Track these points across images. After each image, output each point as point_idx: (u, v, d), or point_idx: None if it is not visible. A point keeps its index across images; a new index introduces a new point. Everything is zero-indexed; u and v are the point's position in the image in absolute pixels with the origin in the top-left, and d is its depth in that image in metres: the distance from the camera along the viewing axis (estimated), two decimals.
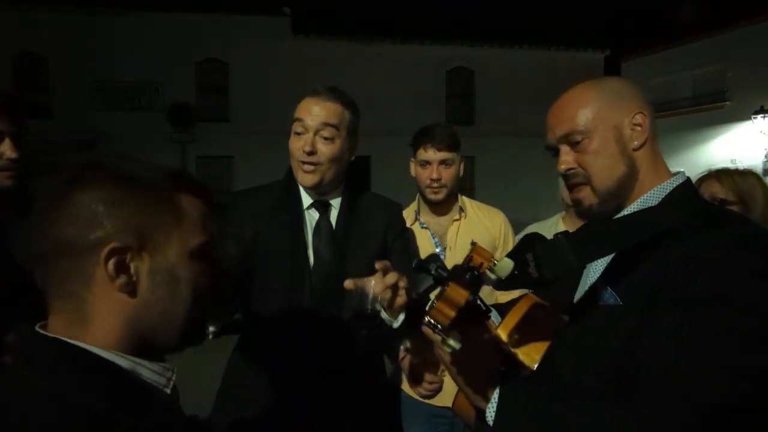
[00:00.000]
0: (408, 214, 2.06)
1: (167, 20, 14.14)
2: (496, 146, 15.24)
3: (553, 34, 16.87)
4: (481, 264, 0.85)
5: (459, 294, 0.79)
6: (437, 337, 0.83)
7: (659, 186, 0.96)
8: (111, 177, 0.67)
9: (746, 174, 1.77)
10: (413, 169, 2.04)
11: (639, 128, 0.97)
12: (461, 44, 16.10)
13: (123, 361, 0.66)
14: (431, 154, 1.93)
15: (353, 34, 15.34)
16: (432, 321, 0.80)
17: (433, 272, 0.84)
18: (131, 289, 0.67)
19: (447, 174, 1.94)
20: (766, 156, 14.56)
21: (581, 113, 0.98)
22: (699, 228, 0.85)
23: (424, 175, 1.96)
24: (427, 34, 15.87)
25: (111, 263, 0.64)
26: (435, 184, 1.93)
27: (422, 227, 2.02)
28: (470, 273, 0.81)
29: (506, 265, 0.84)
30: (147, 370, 0.69)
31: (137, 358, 0.68)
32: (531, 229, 2.57)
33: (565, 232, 0.91)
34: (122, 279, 0.66)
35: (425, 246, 1.98)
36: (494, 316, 1.11)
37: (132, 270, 0.66)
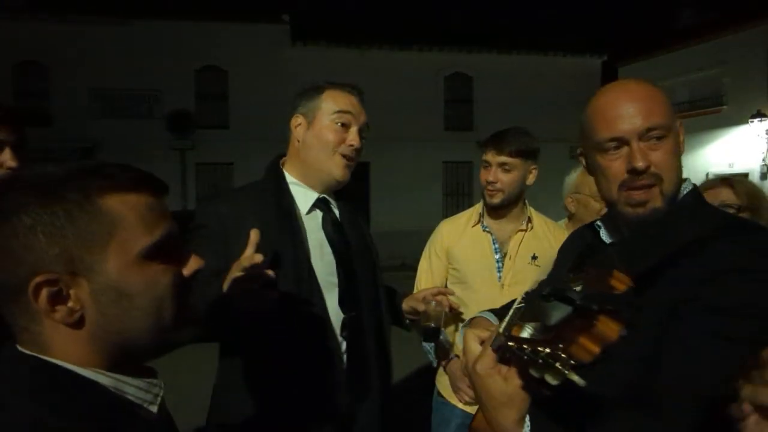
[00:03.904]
0: (472, 215, 2.05)
1: (167, 28, 14.19)
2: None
3: (551, 39, 16.96)
4: (615, 289, 0.75)
5: (611, 330, 0.70)
6: (488, 359, 0.79)
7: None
8: (15, 204, 0.58)
9: (743, 181, 1.80)
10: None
11: (681, 137, 0.97)
12: (459, 50, 16.16)
13: (105, 379, 0.62)
14: (491, 156, 1.91)
15: (352, 41, 15.40)
16: (563, 355, 0.69)
17: (577, 302, 0.72)
18: (77, 319, 0.60)
19: (505, 178, 1.89)
20: (763, 160, 14.59)
21: (665, 108, 0.93)
22: (725, 236, 0.84)
23: (483, 176, 1.95)
24: (426, 41, 15.94)
25: (42, 298, 0.58)
26: (491, 187, 1.91)
27: (484, 230, 1.98)
28: (627, 306, 0.70)
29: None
30: (131, 387, 0.64)
31: (120, 375, 0.63)
32: None
33: (611, 244, 0.88)
34: (61, 312, 0.59)
35: (484, 250, 1.95)
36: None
37: (71, 299, 0.59)
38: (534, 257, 1.93)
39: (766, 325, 0.76)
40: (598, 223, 1.08)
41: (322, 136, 1.43)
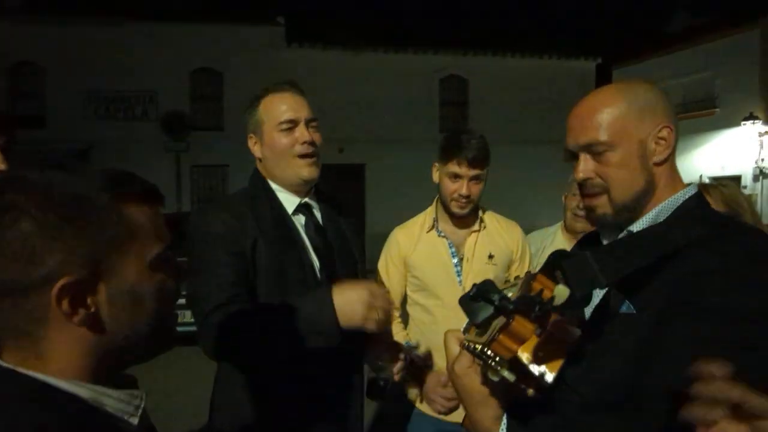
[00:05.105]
0: (425, 220, 2.02)
1: (161, 30, 14.16)
2: (490, 153, 15.26)
3: (545, 42, 17.03)
4: (542, 292, 0.80)
5: (526, 329, 0.75)
6: (466, 365, 0.81)
7: (671, 198, 0.95)
8: (41, 202, 0.58)
9: (727, 185, 1.81)
10: (436, 176, 1.95)
11: (663, 142, 0.94)
12: (454, 53, 16.20)
13: (84, 391, 0.61)
14: (464, 170, 1.84)
15: (347, 43, 15.41)
16: (489, 353, 0.76)
17: (496, 303, 0.77)
18: (91, 322, 0.60)
19: (476, 189, 1.87)
20: (755, 162, 14.70)
21: (608, 123, 0.93)
22: (715, 240, 0.84)
23: (452, 188, 1.87)
24: (421, 43, 15.97)
25: (65, 302, 0.58)
26: (463, 200, 1.86)
27: (440, 235, 1.97)
28: (540, 306, 0.75)
29: (563, 293, 0.78)
30: (111, 399, 0.63)
31: (100, 387, 0.62)
32: (533, 237, 2.57)
33: (591, 248, 0.89)
34: (80, 314, 0.59)
35: (441, 255, 1.95)
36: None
37: (89, 302, 0.60)
38: (490, 256, 1.94)
39: (753, 330, 0.76)
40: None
41: (275, 147, 1.46)
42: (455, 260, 1.94)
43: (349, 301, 1.20)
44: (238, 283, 1.32)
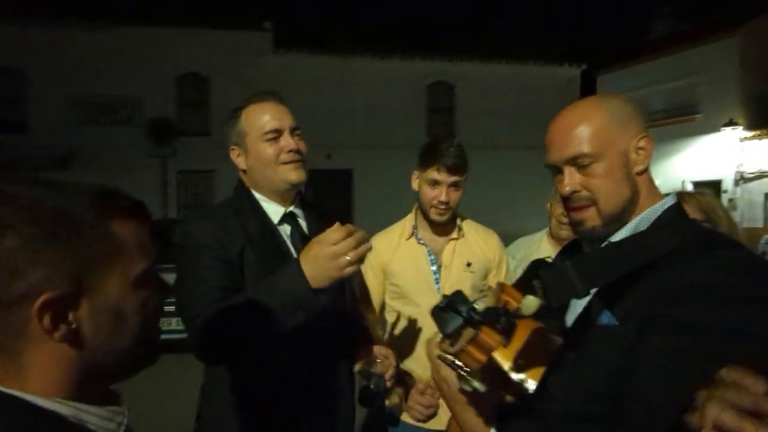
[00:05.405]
0: (404, 227, 2.03)
1: (147, 34, 14.06)
2: (477, 159, 15.32)
3: (531, 49, 17.23)
4: (507, 303, 0.82)
5: (493, 339, 0.77)
6: (449, 373, 0.81)
7: (651, 208, 0.96)
8: (26, 216, 0.57)
9: (704, 193, 1.84)
10: (416, 183, 1.96)
11: (643, 152, 0.96)
12: (441, 59, 16.32)
13: (65, 409, 0.59)
14: (444, 176, 1.85)
15: (334, 49, 15.44)
16: (459, 363, 0.78)
17: (464, 314, 0.79)
18: (72, 339, 0.60)
19: (455, 196, 1.89)
20: (736, 167, 15.01)
21: (591, 135, 0.95)
22: (694, 252, 0.85)
23: (431, 195, 1.88)
24: (408, 49, 16.06)
25: (46, 317, 0.57)
26: (442, 206, 1.87)
27: (419, 243, 1.98)
28: (505, 317, 0.78)
29: (532, 304, 0.80)
30: (93, 417, 0.62)
31: (82, 404, 0.61)
32: (518, 243, 2.59)
33: (571, 257, 0.90)
34: (61, 330, 0.58)
35: (421, 263, 1.96)
36: None
37: (70, 318, 0.59)
38: (468, 264, 1.96)
39: (730, 342, 0.76)
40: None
41: (261, 158, 1.45)
42: (434, 268, 1.96)
43: (315, 260, 1.17)
44: (226, 288, 1.31)
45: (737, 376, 0.59)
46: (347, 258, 1.16)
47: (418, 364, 1.87)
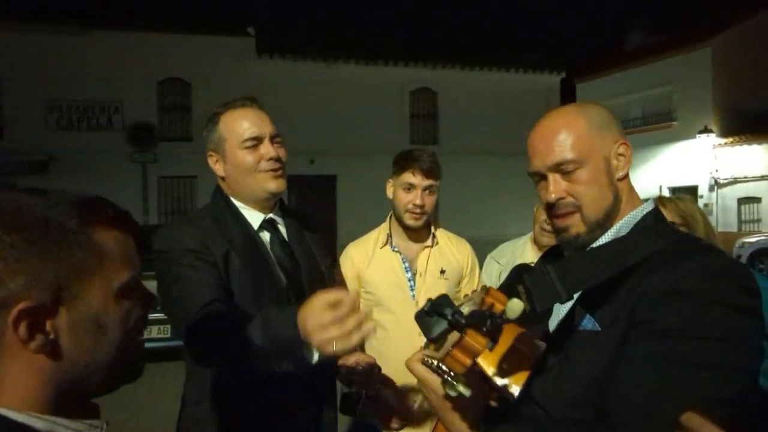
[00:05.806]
0: (378, 235, 2.04)
1: (128, 38, 13.85)
2: (459, 165, 15.51)
3: (512, 56, 17.46)
4: (493, 306, 0.81)
5: (478, 342, 0.77)
6: (435, 379, 0.81)
7: (631, 213, 0.98)
8: (8, 223, 0.56)
9: (683, 198, 1.89)
10: (391, 191, 2.00)
11: (623, 158, 0.98)
12: (424, 66, 16.43)
13: (39, 423, 0.57)
14: (419, 179, 1.90)
15: (317, 55, 15.43)
16: (444, 367, 0.77)
17: (449, 318, 0.77)
18: (50, 349, 0.58)
19: (430, 200, 1.93)
20: (710, 173, 15.38)
21: (574, 142, 0.95)
22: (673, 257, 0.86)
23: (407, 199, 1.92)
24: (391, 56, 16.14)
25: (22, 327, 0.55)
26: (417, 210, 1.91)
27: (394, 250, 2.00)
28: (490, 320, 0.77)
29: (516, 307, 0.79)
30: (69, 431, 0.60)
31: (58, 418, 0.59)
32: (502, 248, 2.61)
33: (553, 262, 0.90)
34: (37, 341, 0.57)
35: (396, 270, 1.97)
36: None
37: (48, 328, 0.57)
38: (442, 271, 1.99)
39: (711, 347, 0.78)
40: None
41: (240, 165, 1.41)
42: (408, 275, 1.98)
43: (306, 319, 1.01)
44: (217, 287, 1.29)
45: (697, 423, 0.60)
46: (331, 335, 0.96)
47: (394, 369, 1.88)
